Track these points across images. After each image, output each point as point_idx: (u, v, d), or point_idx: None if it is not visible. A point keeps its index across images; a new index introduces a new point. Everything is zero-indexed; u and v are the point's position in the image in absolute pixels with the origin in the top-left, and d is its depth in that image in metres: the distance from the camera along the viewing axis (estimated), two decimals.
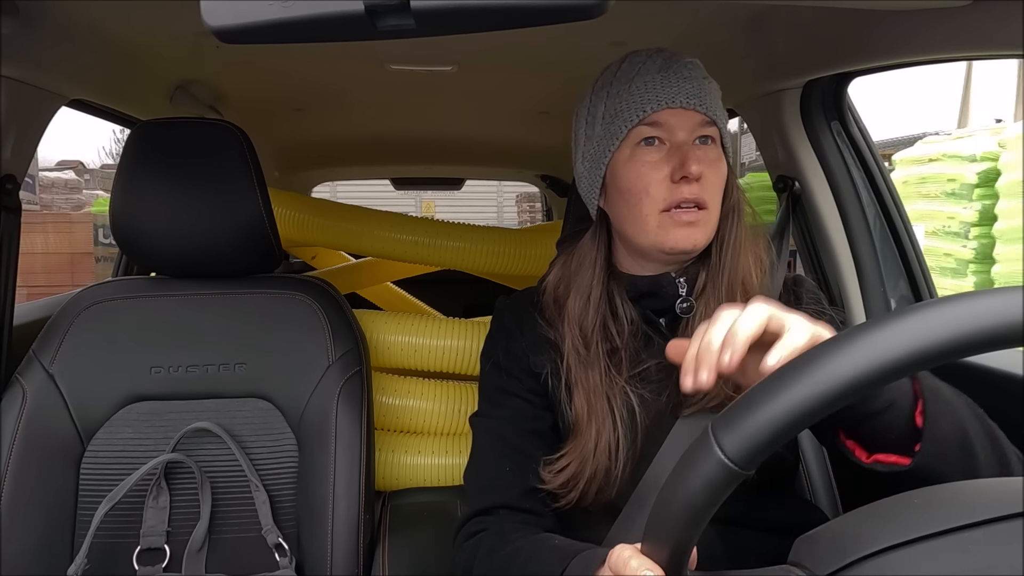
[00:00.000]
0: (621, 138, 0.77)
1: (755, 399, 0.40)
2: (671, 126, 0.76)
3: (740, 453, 0.39)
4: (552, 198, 3.06)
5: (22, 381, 1.03)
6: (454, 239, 1.65)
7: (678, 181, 0.75)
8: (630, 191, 0.77)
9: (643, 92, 0.75)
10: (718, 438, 0.40)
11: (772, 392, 0.39)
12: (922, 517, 0.40)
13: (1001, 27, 0.76)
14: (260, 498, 1.02)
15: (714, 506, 0.41)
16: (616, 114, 0.76)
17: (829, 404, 0.38)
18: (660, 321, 0.82)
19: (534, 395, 0.84)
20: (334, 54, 1.29)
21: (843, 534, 0.43)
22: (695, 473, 0.41)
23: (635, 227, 0.78)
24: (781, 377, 0.40)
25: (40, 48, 1.01)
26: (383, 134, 2.16)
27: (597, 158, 0.79)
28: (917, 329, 0.37)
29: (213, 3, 0.43)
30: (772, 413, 0.39)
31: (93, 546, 0.96)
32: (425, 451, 1.35)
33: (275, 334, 1.09)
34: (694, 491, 0.41)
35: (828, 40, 0.99)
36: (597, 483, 0.76)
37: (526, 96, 1.66)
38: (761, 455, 0.39)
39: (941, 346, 0.36)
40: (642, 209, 0.76)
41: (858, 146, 1.16)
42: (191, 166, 1.04)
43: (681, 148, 0.75)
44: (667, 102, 0.75)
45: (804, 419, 0.38)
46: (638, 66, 0.77)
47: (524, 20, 0.44)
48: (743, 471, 0.40)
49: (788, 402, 0.39)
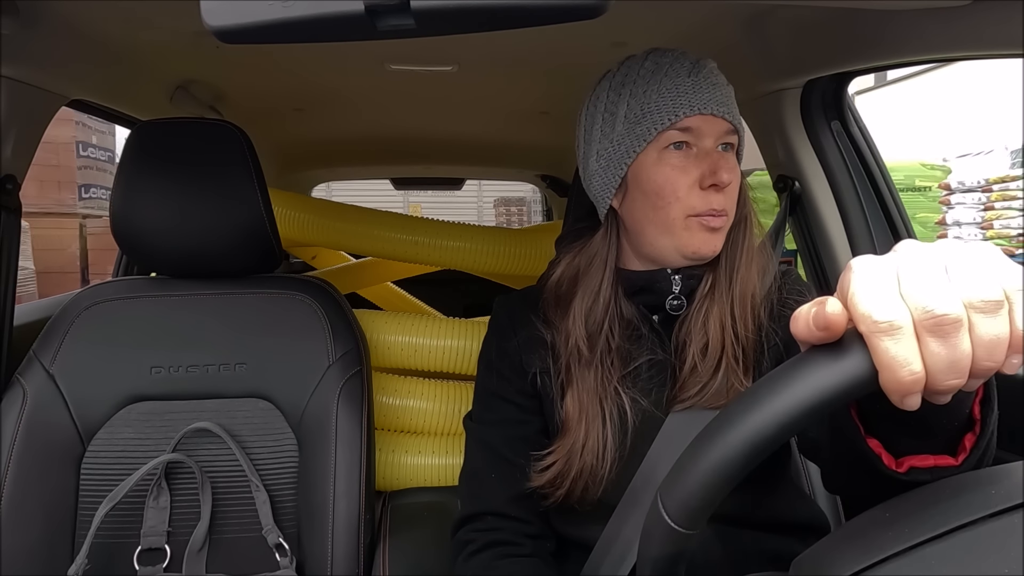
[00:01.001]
0: (649, 140, 0.76)
1: (686, 461, 0.42)
2: (701, 132, 0.76)
3: (682, 516, 0.41)
4: (552, 198, 3.06)
5: (22, 381, 1.03)
6: (454, 239, 1.65)
7: (707, 188, 0.75)
8: (658, 194, 0.76)
9: (675, 96, 0.74)
10: (664, 503, 0.42)
11: (699, 453, 0.41)
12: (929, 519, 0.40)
13: (1001, 27, 0.76)
14: (260, 498, 1.02)
15: (677, 566, 0.44)
16: (643, 115, 0.75)
17: (753, 457, 0.39)
18: (653, 318, 0.82)
19: (524, 397, 0.84)
20: (334, 54, 1.29)
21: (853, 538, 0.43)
22: (653, 540, 0.43)
23: (658, 229, 0.77)
24: (705, 437, 0.41)
25: (40, 48, 1.01)
26: (383, 134, 2.16)
27: (617, 158, 0.78)
28: (820, 373, 0.38)
29: (213, 3, 0.43)
30: (700, 474, 0.40)
31: (94, 546, 0.96)
32: (425, 451, 1.35)
33: (275, 334, 1.09)
34: (655, 556, 0.43)
35: (828, 40, 0.98)
36: (583, 481, 0.77)
37: (526, 96, 1.65)
38: (703, 514, 0.41)
39: (843, 387, 0.38)
40: (669, 213, 0.76)
41: (858, 146, 1.16)
42: (191, 166, 1.04)
43: (710, 155, 0.76)
44: (699, 108, 0.74)
45: (733, 475, 0.40)
46: (665, 67, 0.76)
47: (524, 20, 0.44)
48: (690, 531, 0.42)
49: (712, 461, 0.40)
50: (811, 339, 0.38)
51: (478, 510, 0.83)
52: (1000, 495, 0.39)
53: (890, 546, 0.39)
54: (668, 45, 0.81)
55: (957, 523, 0.38)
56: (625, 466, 0.77)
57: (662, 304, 0.80)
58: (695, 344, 0.77)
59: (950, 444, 0.48)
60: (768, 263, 0.84)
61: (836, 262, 1.18)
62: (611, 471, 0.77)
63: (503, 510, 0.82)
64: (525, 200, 9.05)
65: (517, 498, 0.82)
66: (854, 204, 1.15)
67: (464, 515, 0.84)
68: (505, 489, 0.82)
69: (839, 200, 1.16)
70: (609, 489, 0.77)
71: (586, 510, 0.79)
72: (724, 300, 0.78)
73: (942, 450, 0.48)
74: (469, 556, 0.81)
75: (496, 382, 0.86)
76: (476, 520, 0.83)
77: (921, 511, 0.42)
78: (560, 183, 2.78)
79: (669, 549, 0.43)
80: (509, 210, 9.02)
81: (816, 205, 1.17)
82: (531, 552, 0.81)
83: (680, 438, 0.76)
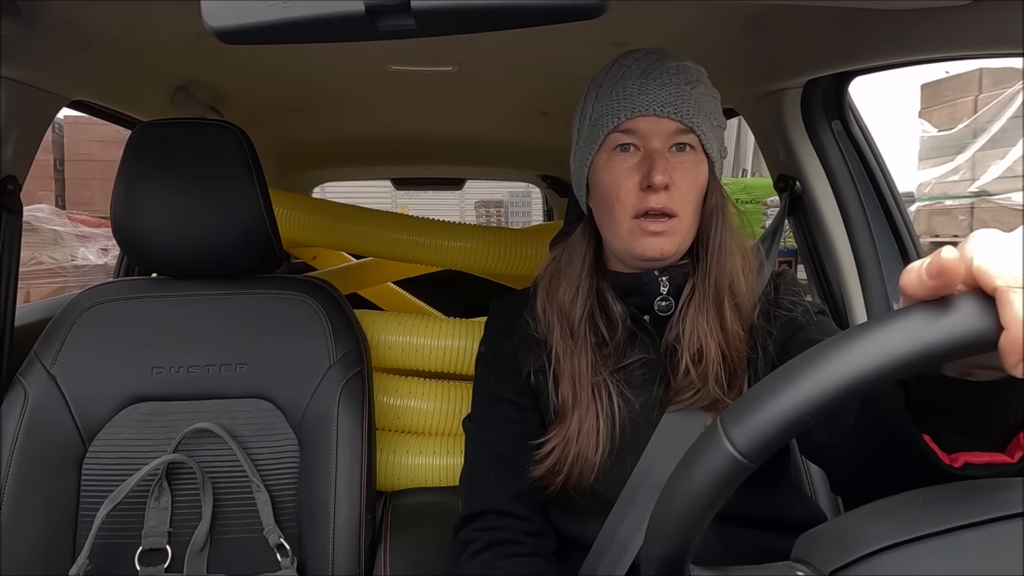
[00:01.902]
0: (599, 142, 0.78)
1: (766, 391, 0.40)
2: (645, 133, 0.76)
3: (749, 446, 0.39)
4: (553, 198, 3.06)
5: (23, 382, 1.03)
6: (455, 239, 1.65)
7: (645, 190, 0.75)
8: (605, 196, 0.78)
9: (621, 98, 0.76)
10: (727, 431, 0.40)
11: (784, 384, 0.39)
12: (928, 515, 0.40)
13: (1001, 26, 0.76)
14: (262, 498, 1.02)
15: (720, 500, 0.40)
16: (597, 118, 0.78)
17: (844, 396, 0.37)
18: (644, 318, 0.83)
19: (521, 396, 0.86)
20: (335, 54, 1.29)
21: (847, 531, 0.43)
22: (702, 467, 0.40)
23: (610, 231, 0.80)
24: (797, 368, 0.39)
25: (41, 49, 1.01)
26: (384, 134, 2.16)
27: (582, 159, 0.81)
28: (931, 325, 0.36)
29: (214, 4, 0.43)
30: (782, 406, 0.38)
31: (95, 547, 0.96)
32: (426, 451, 1.35)
33: (276, 334, 1.09)
34: (701, 486, 0.40)
35: (829, 39, 0.98)
36: (579, 467, 0.78)
37: (527, 96, 1.66)
38: (771, 448, 0.39)
39: (955, 341, 0.36)
40: (615, 215, 0.78)
41: (859, 145, 1.16)
42: (192, 167, 1.04)
43: (651, 156, 0.76)
44: (641, 110, 0.75)
45: (816, 412, 0.38)
46: (623, 70, 0.78)
47: (524, 20, 0.44)
48: (752, 464, 0.39)
49: (800, 395, 0.38)
50: (920, 292, 0.37)
51: (479, 509, 0.84)
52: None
53: (927, 526, 0.39)
54: (668, 45, 0.81)
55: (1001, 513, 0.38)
56: (618, 457, 0.78)
57: (651, 305, 0.81)
58: (687, 349, 0.77)
59: (1001, 441, 0.47)
60: (763, 262, 0.84)
61: (836, 262, 1.18)
62: (604, 457, 0.77)
63: (504, 508, 0.82)
64: (503, 203, 9.61)
65: (518, 495, 0.82)
66: (855, 204, 1.15)
67: (465, 514, 0.85)
68: (506, 487, 0.83)
69: (840, 200, 1.16)
70: (602, 479, 0.78)
71: (582, 504, 0.80)
72: (707, 298, 0.78)
73: (989, 447, 0.47)
74: (471, 556, 0.81)
75: (494, 382, 0.87)
76: (477, 519, 0.84)
77: (960, 499, 0.41)
78: (560, 183, 2.78)
79: (722, 483, 0.39)
80: (488, 211, 9.54)
81: (817, 205, 1.17)
82: (532, 551, 0.81)
83: (676, 438, 0.77)
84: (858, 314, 1.17)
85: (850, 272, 1.17)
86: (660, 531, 0.43)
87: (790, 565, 0.44)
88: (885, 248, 1.16)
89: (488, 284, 1.94)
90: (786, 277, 0.87)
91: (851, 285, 1.17)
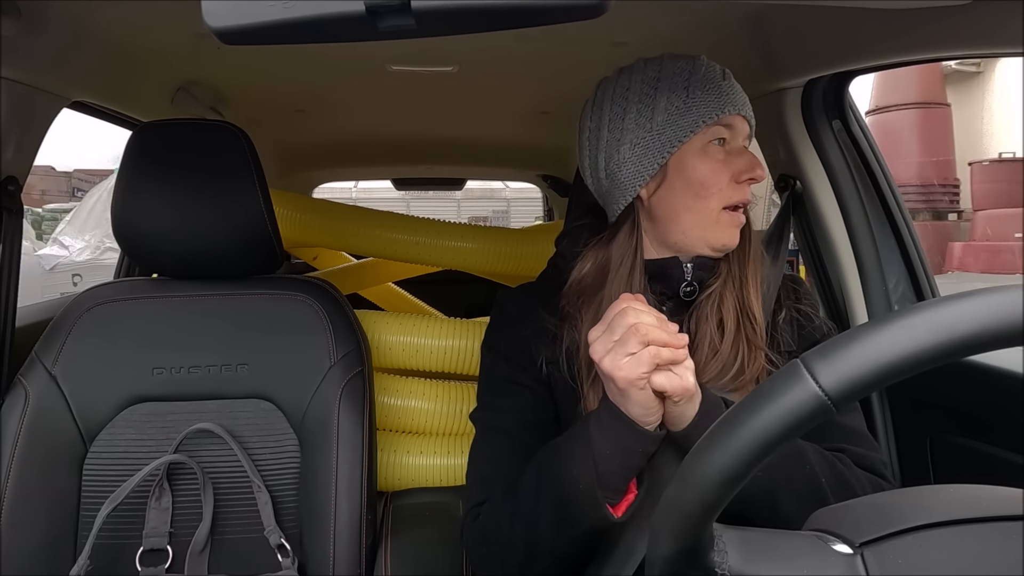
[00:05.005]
0: (695, 131, 0.79)
1: (865, 332, 0.38)
2: (736, 131, 0.81)
3: (837, 388, 0.37)
4: (553, 198, 3.06)
5: (24, 382, 1.03)
6: (456, 239, 1.65)
7: (743, 182, 0.79)
8: (702, 184, 0.79)
9: (717, 94, 0.79)
10: (813, 370, 0.38)
11: (884, 332, 0.37)
12: (964, 503, 0.40)
13: (1001, 25, 0.76)
14: (262, 499, 1.02)
15: (784, 442, 0.38)
16: (688, 108, 0.79)
17: (946, 355, 0.36)
18: (663, 309, 0.82)
19: (538, 384, 0.84)
20: (335, 55, 1.29)
21: (880, 508, 0.43)
22: (777, 403, 0.38)
23: (693, 218, 0.80)
24: (894, 318, 0.38)
25: (41, 50, 1.02)
26: (384, 135, 2.16)
27: (657, 147, 0.79)
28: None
29: (214, 4, 0.43)
30: (880, 352, 0.37)
31: (96, 547, 0.96)
32: (427, 451, 1.35)
33: (277, 335, 1.09)
34: (771, 421, 0.38)
35: (829, 39, 0.99)
36: None
37: (527, 96, 1.66)
38: (859, 394, 0.37)
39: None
40: (709, 203, 0.79)
41: (859, 145, 1.16)
42: (193, 167, 1.05)
43: (743, 153, 0.81)
44: (737, 108, 0.80)
45: (916, 365, 0.36)
46: (701, 68, 0.80)
47: (525, 20, 0.44)
48: (835, 408, 0.38)
49: (904, 343, 0.36)
50: None
51: (489, 494, 0.81)
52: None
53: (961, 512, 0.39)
54: (668, 45, 0.82)
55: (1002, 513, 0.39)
56: None
57: (674, 291, 0.82)
58: (711, 323, 0.79)
59: None
60: (773, 258, 0.88)
61: (837, 261, 1.18)
62: None
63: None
64: (488, 220, 10.31)
65: None
66: (855, 203, 1.15)
67: (474, 503, 0.82)
68: (520, 468, 0.79)
69: (840, 199, 1.16)
70: None
71: None
72: (736, 286, 0.81)
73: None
74: (487, 508, 0.80)
75: (507, 368, 0.86)
76: (487, 503, 0.81)
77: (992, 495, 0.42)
78: (561, 183, 2.78)
79: (797, 423, 0.38)
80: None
81: (817, 204, 1.18)
82: None
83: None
84: (858, 313, 1.17)
85: (851, 271, 1.17)
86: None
87: (817, 535, 0.43)
88: (885, 248, 1.16)
89: (488, 284, 1.94)
90: (803, 287, 0.90)
91: (851, 284, 1.17)
